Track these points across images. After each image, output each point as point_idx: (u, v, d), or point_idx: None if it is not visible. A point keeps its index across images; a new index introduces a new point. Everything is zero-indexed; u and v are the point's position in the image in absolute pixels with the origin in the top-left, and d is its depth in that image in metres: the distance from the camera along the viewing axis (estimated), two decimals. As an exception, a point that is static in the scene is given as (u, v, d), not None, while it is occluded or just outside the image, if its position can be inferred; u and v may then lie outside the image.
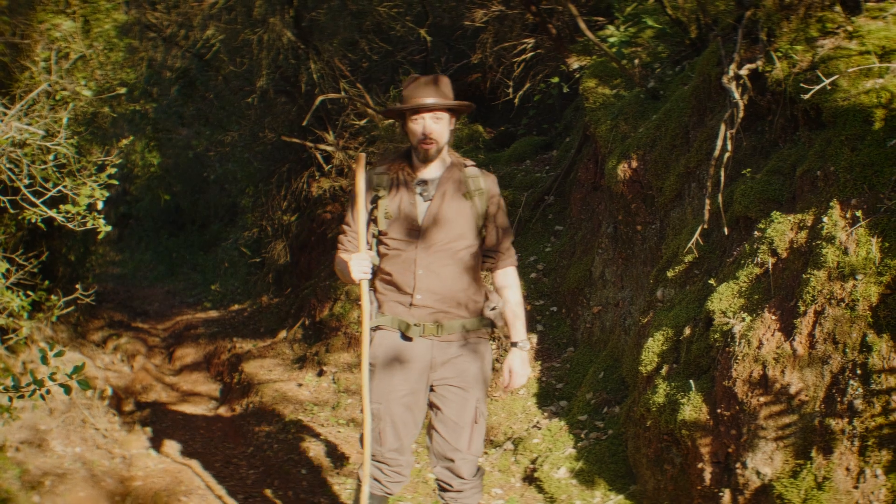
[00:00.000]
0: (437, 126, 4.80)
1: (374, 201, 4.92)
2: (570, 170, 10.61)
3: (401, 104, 4.86)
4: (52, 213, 6.08)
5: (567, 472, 6.99)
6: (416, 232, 4.87)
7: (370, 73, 15.16)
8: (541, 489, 6.90)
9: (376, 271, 4.99)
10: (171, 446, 8.73)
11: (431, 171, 4.96)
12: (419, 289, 4.86)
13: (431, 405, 5.02)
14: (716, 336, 5.89)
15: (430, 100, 4.75)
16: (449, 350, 4.92)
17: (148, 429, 9.17)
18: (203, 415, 10.52)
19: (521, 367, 5.10)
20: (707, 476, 5.68)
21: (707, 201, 6.69)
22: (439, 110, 4.79)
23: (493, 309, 5.06)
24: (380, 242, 4.97)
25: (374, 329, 4.99)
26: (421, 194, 4.92)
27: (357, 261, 4.73)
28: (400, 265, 4.89)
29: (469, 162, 5.10)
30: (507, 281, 5.19)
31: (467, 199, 4.94)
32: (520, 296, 5.22)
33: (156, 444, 8.68)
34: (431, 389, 4.98)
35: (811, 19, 6.55)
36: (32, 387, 5.43)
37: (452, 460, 4.93)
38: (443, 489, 5.05)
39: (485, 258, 5.13)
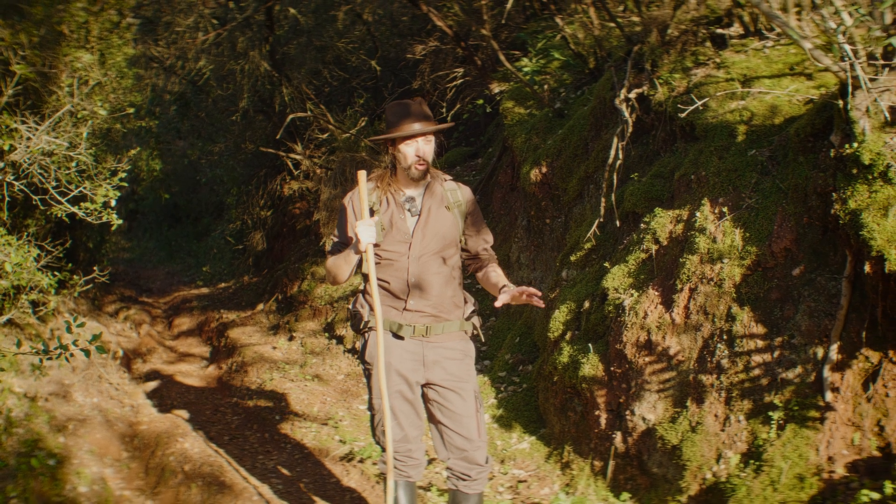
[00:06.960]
0: (428, 147, 4.31)
1: (371, 214, 4.37)
2: (492, 174, 10.57)
3: (391, 129, 4.33)
4: (74, 209, 6.36)
5: (489, 417, 6.91)
6: (407, 244, 4.35)
7: (331, 96, 15.16)
8: (469, 431, 6.83)
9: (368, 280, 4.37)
10: (170, 397, 8.62)
11: (416, 188, 4.44)
12: (412, 295, 4.35)
13: (433, 404, 4.47)
14: (610, 308, 5.86)
15: (419, 125, 4.25)
16: (437, 350, 4.40)
17: (151, 383, 9.06)
18: (196, 372, 10.39)
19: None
20: (603, 421, 5.64)
21: (602, 200, 6.69)
22: (430, 134, 4.35)
23: (473, 311, 4.57)
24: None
25: (369, 330, 4.48)
26: (409, 210, 4.39)
27: (363, 226, 4.15)
28: (393, 273, 4.35)
29: (447, 176, 4.58)
30: (492, 269, 4.52)
31: (449, 211, 4.45)
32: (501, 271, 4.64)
33: (157, 395, 8.56)
34: (429, 386, 4.45)
35: (687, 53, 6.57)
36: (59, 350, 5.72)
37: (466, 450, 4.40)
38: (458, 478, 4.48)
39: (470, 262, 4.63)
